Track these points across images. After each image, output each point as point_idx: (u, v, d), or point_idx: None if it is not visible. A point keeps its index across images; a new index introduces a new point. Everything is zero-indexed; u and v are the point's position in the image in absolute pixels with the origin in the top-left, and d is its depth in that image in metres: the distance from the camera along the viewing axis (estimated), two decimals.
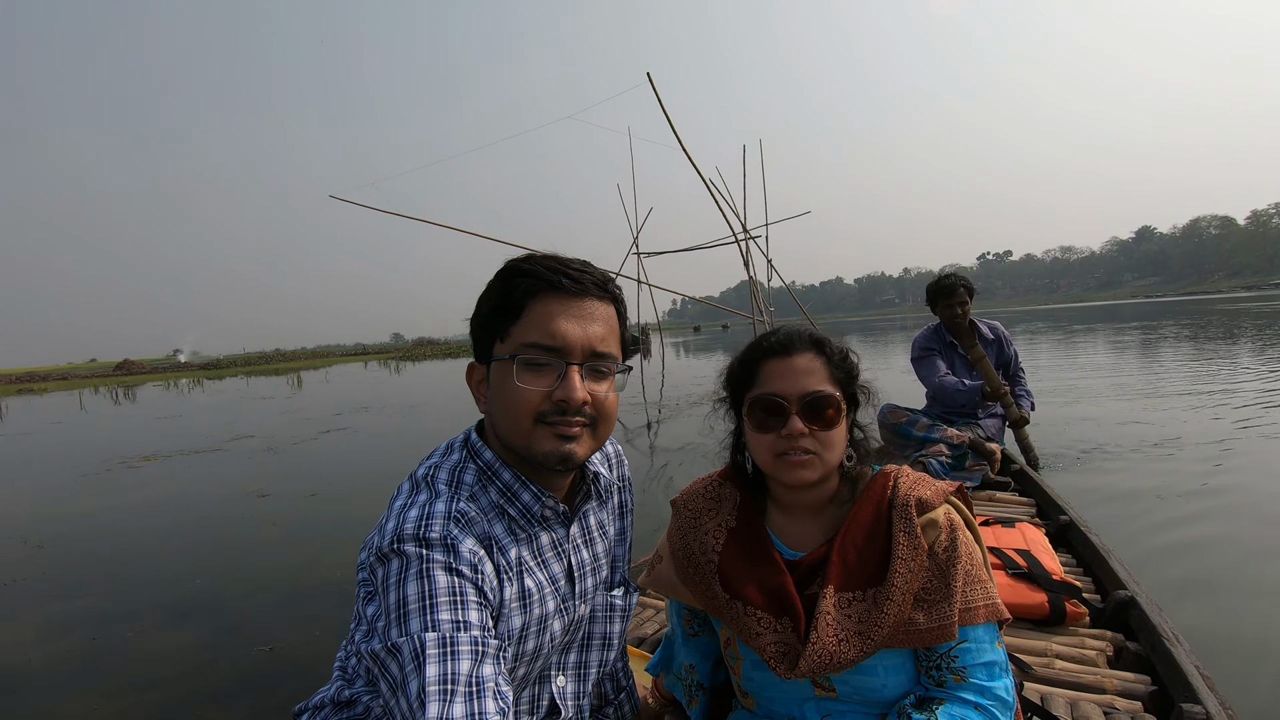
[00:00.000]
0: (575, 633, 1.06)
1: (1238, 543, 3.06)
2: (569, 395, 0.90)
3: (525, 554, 0.96)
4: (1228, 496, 3.70)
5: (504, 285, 0.94)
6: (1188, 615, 2.31)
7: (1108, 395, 7.82)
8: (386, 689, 0.77)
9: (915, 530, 1.00)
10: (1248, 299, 52.99)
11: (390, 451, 8.01)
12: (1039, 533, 2.18)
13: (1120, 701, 1.42)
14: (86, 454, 9.63)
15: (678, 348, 28.66)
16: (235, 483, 6.60)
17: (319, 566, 3.86)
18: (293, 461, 7.72)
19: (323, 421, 11.44)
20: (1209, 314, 29.93)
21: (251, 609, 3.32)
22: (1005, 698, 0.97)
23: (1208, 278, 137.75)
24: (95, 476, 7.64)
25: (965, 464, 3.29)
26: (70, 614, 3.43)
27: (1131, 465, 4.53)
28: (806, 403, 1.03)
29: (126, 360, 62.33)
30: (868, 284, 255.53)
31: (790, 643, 1.00)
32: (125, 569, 4.18)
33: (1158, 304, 61.95)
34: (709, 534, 1.12)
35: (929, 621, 0.97)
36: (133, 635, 3.10)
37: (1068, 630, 1.75)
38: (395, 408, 13.33)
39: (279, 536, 4.64)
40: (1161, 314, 34.90)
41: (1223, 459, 4.51)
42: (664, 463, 6.07)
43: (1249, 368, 9.51)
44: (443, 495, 0.90)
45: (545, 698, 1.03)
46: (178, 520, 5.33)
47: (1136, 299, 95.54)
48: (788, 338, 1.10)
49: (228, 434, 10.62)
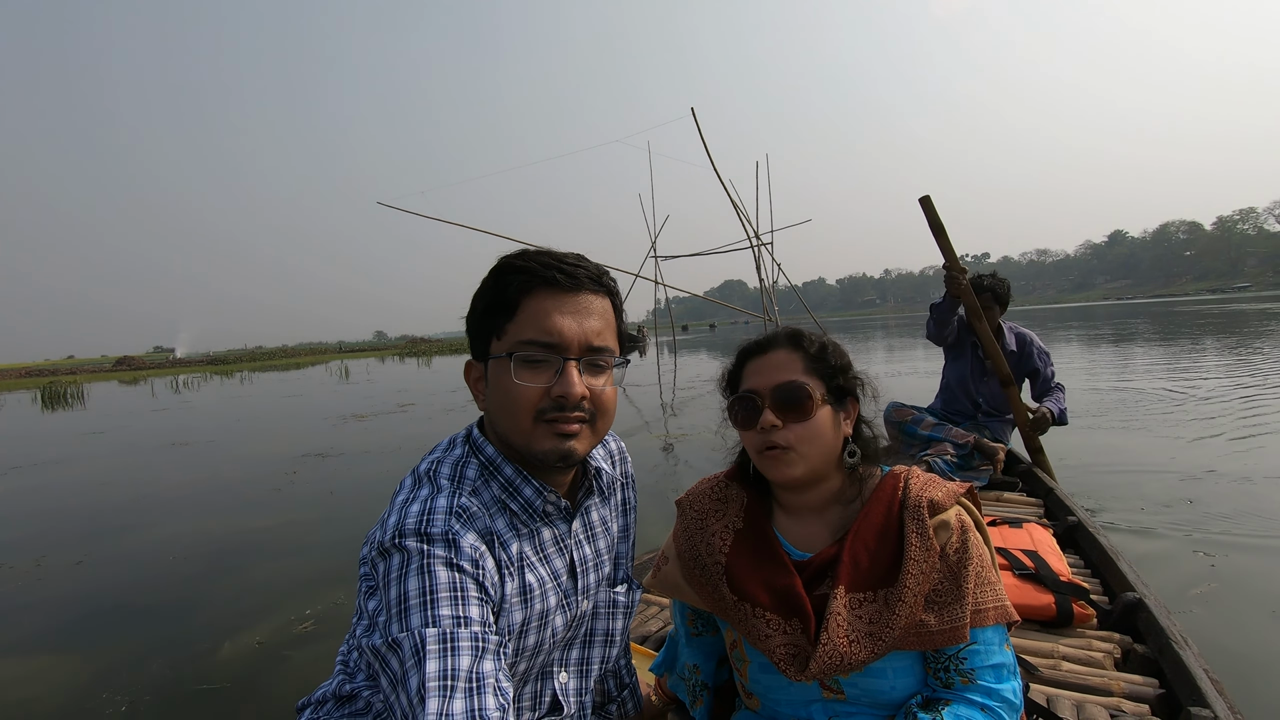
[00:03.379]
0: (577, 629, 1.05)
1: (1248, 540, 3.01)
2: (567, 391, 0.89)
3: (527, 549, 0.95)
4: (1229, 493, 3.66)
5: (498, 282, 0.93)
6: (1195, 618, 2.29)
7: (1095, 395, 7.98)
8: (387, 684, 0.77)
9: (927, 531, 0.98)
10: (1211, 301, 54.94)
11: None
12: (1046, 533, 2.16)
13: (1127, 704, 1.40)
14: (314, 414, 11.88)
15: (661, 347, 28.70)
16: (445, 432, 7.66)
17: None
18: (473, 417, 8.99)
19: (452, 397, 12.83)
20: (1173, 315, 31.50)
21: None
22: (1013, 700, 0.97)
23: (1175, 280, 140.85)
24: (340, 423, 10.06)
25: (971, 464, 3.25)
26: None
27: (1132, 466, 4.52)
28: (776, 394, 1.03)
29: (126, 356, 64.11)
30: (849, 285, 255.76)
31: (800, 644, 0.99)
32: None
33: (1128, 305, 63.93)
34: (715, 535, 1.11)
35: (940, 623, 0.96)
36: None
37: (1075, 632, 1.73)
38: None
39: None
40: (1130, 315, 36.63)
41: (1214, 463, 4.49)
42: (669, 460, 6.09)
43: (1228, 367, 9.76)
44: (444, 490, 0.90)
45: (548, 694, 1.03)
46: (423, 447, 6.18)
47: (1109, 300, 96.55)
48: (768, 337, 1.11)
49: (394, 403, 12.61)
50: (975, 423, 3.51)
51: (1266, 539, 3.02)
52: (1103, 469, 4.41)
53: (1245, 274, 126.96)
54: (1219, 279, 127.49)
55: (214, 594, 3.31)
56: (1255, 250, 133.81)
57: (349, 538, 4.02)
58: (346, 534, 4.13)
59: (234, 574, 3.58)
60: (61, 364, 72.26)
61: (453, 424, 9.00)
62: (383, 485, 5.38)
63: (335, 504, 5.03)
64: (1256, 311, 28.83)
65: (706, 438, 6.65)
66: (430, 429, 8.87)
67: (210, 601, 3.22)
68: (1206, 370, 9.57)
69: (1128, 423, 6.04)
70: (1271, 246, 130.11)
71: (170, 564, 3.83)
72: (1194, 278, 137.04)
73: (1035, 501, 2.88)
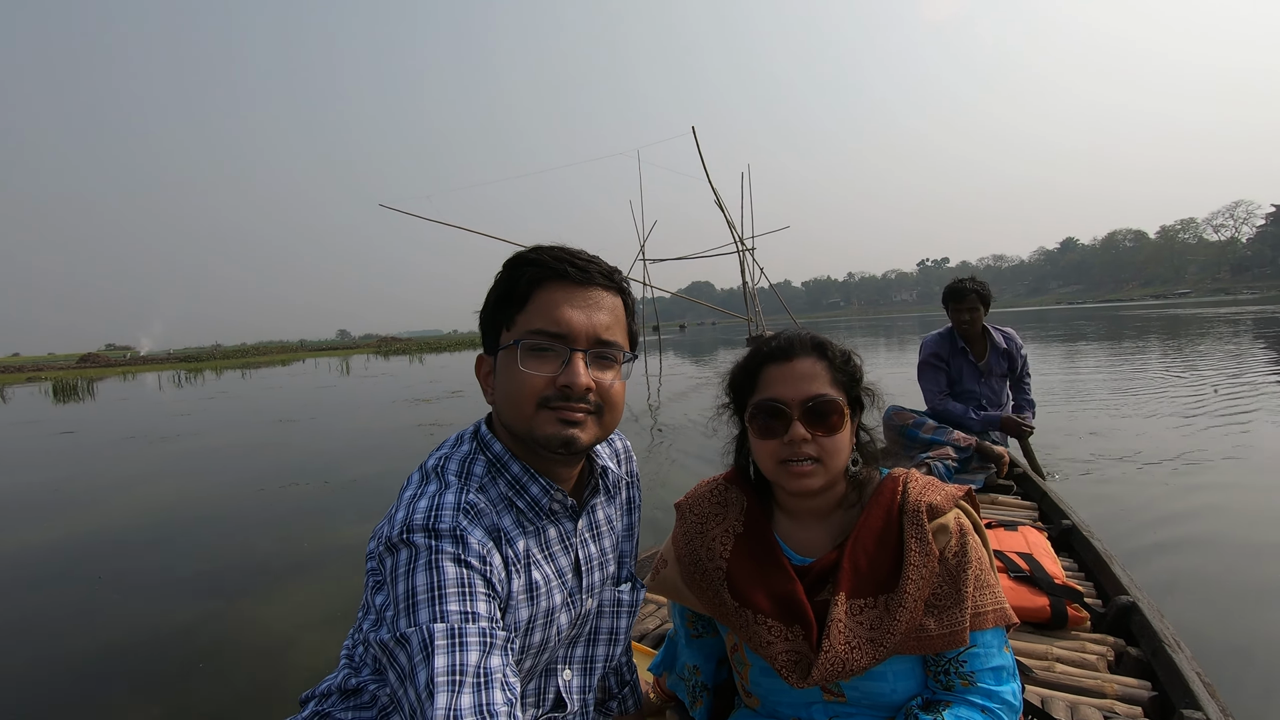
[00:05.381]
0: (582, 627, 1.06)
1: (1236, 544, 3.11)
2: (573, 380, 0.89)
3: (533, 546, 0.96)
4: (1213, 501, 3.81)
5: (510, 275, 0.94)
6: (1188, 619, 2.32)
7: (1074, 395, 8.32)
8: (394, 679, 0.77)
9: (927, 536, 0.99)
10: (1154, 306, 58.65)
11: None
12: (1041, 536, 2.18)
13: (1121, 706, 1.42)
14: (374, 401, 13.12)
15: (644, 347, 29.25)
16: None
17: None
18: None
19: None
20: (1119, 319, 33.36)
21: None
22: (1012, 702, 0.97)
23: (1124, 286, 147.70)
24: (412, 405, 11.27)
25: (969, 467, 3.27)
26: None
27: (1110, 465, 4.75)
28: (809, 408, 1.01)
29: (90, 354, 62.40)
30: (815, 287, 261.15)
31: (802, 651, 0.99)
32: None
33: (1079, 309, 67.92)
34: (716, 540, 1.11)
35: (940, 627, 0.97)
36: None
37: (1069, 634, 1.75)
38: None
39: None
40: (1081, 317, 39.37)
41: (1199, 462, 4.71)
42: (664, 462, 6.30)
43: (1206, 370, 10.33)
44: (452, 486, 0.90)
45: (551, 691, 1.03)
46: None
47: (1061, 305, 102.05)
48: (789, 342, 1.08)
49: (443, 390, 13.63)
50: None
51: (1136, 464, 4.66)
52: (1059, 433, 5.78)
53: (1186, 280, 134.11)
54: (1164, 285, 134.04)
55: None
56: (1195, 258, 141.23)
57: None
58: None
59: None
60: (11, 361, 68.30)
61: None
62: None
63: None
64: (1187, 316, 30.92)
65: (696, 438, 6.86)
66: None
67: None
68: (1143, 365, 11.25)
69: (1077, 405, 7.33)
70: (1210, 255, 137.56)
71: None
72: (1141, 283, 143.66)
73: (1030, 505, 2.91)
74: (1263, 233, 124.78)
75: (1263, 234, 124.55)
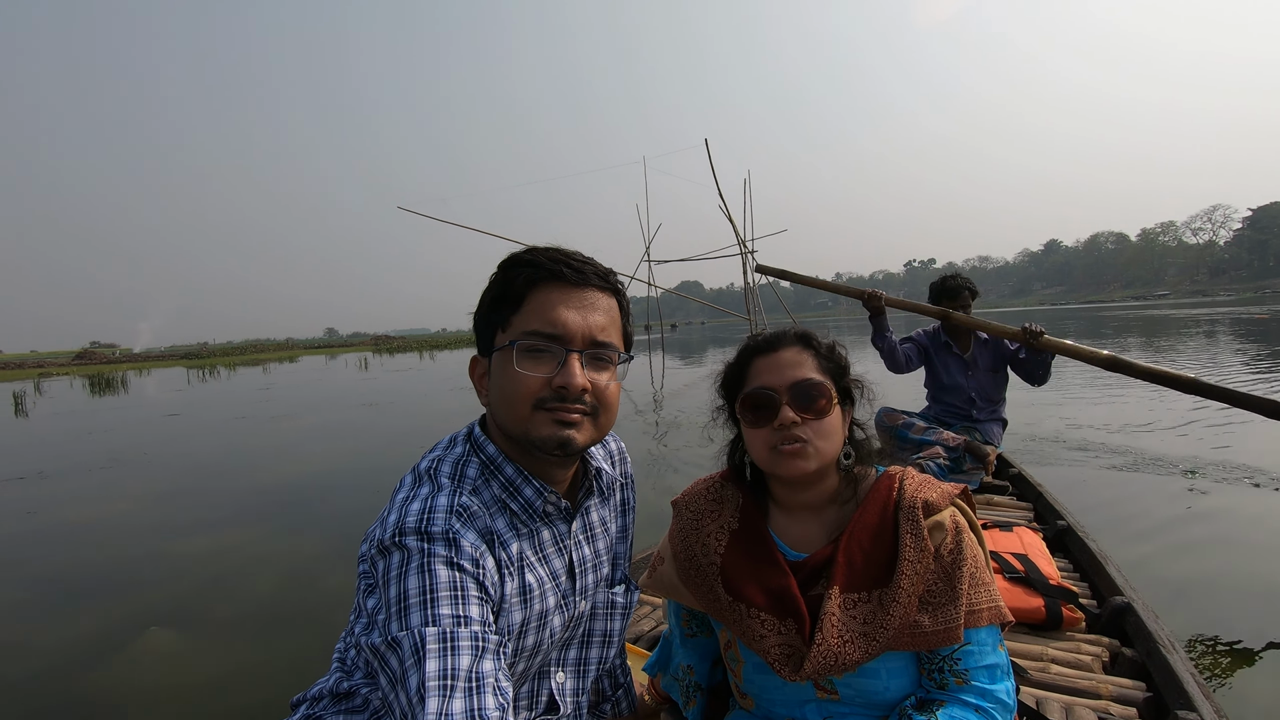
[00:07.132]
0: (575, 629, 1.05)
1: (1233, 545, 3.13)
2: (568, 381, 0.89)
3: (527, 549, 0.95)
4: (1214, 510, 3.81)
5: (505, 276, 0.94)
6: (1183, 620, 2.34)
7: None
8: (386, 682, 0.77)
9: (922, 532, 0.99)
10: (1134, 307, 59.59)
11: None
12: (1036, 537, 2.18)
13: (1115, 707, 1.43)
14: (426, 391, 14.39)
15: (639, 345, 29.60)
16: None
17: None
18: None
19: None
20: (1100, 319, 34.01)
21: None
22: (1006, 700, 0.97)
23: (1106, 288, 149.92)
24: (462, 392, 12.12)
25: (963, 467, 3.28)
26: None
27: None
28: (795, 391, 1.04)
29: (85, 351, 63.05)
30: (803, 288, 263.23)
31: (795, 645, 0.99)
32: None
33: (1062, 310, 68.69)
34: (711, 536, 1.12)
35: (934, 624, 0.97)
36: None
37: (1064, 635, 1.75)
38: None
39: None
40: (1064, 317, 40.00)
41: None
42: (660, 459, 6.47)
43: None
44: (445, 489, 0.89)
45: (544, 693, 1.03)
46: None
47: (1045, 306, 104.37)
48: (775, 335, 1.11)
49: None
50: (969, 422, 3.52)
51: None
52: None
53: (1166, 282, 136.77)
54: (1144, 286, 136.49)
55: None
56: (1174, 261, 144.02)
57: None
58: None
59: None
60: (11, 358, 66.69)
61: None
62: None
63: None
64: (1161, 316, 31.56)
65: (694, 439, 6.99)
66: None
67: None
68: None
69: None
70: (1188, 257, 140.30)
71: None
72: (1122, 285, 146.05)
73: (1025, 505, 2.92)
74: (1239, 236, 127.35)
75: (1239, 237, 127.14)
